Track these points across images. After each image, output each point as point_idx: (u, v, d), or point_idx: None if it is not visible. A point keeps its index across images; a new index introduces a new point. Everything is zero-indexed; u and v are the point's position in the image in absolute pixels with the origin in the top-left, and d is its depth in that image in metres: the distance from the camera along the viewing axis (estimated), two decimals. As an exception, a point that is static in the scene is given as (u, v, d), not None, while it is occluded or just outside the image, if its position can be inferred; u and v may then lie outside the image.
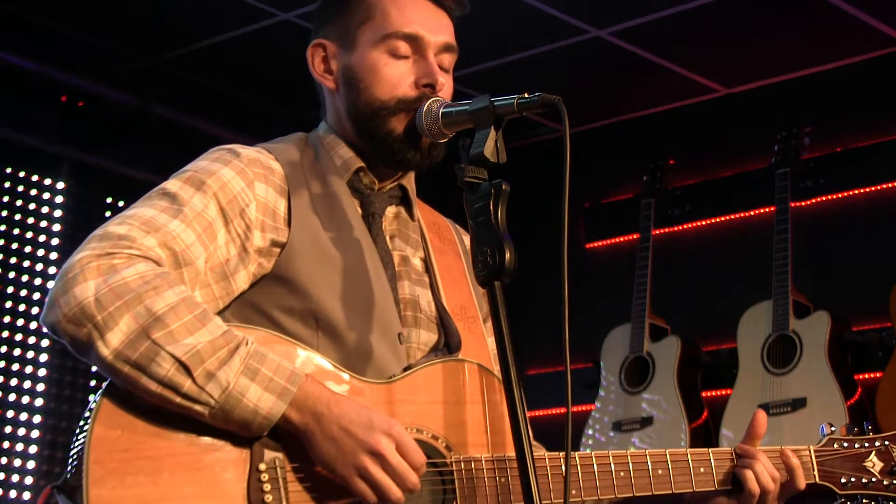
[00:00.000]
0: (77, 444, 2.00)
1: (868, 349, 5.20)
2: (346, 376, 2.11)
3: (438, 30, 2.29)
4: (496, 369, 2.19)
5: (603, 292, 5.98)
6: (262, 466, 2.01)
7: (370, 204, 2.30)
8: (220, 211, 2.14)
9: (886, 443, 2.38)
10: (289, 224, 2.18)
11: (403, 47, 2.26)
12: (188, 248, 2.08)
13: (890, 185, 5.41)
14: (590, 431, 5.64)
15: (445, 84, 2.28)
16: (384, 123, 2.25)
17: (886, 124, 5.46)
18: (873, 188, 5.48)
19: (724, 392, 5.43)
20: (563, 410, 5.70)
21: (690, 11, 5.11)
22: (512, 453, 1.95)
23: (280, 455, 2.03)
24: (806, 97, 5.69)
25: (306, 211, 2.21)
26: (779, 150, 5.44)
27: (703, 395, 5.55)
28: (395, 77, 2.25)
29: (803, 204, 5.53)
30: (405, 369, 2.18)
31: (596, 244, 6.27)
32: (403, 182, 2.36)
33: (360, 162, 2.30)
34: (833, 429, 2.39)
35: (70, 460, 2.02)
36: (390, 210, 2.34)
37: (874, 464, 2.36)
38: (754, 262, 5.52)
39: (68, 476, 2.01)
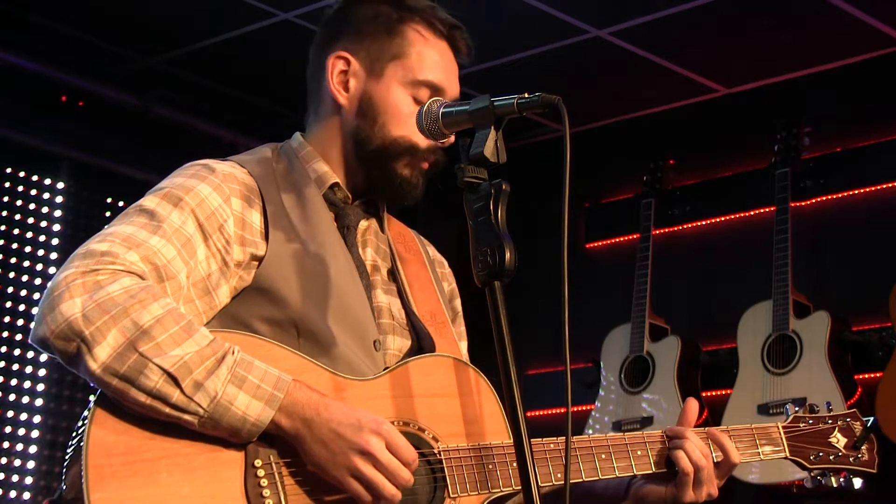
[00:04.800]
0: (70, 450, 2.02)
1: (868, 349, 5.20)
2: (329, 374, 2.14)
3: (455, 81, 2.39)
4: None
5: (603, 292, 5.97)
6: (258, 463, 2.04)
7: (345, 216, 2.35)
8: (198, 227, 2.16)
9: (848, 420, 2.52)
10: (265, 237, 2.21)
11: (426, 94, 2.32)
12: (169, 263, 2.10)
13: (890, 185, 5.41)
14: (590, 431, 5.64)
15: None
16: (392, 163, 2.31)
17: (886, 124, 5.46)
18: (873, 188, 5.47)
19: (724, 392, 5.43)
20: (562, 410, 5.71)
21: (690, 11, 5.11)
22: (491, 441, 2.16)
23: (275, 451, 2.06)
24: (806, 97, 5.68)
25: (282, 222, 2.24)
26: (779, 150, 5.43)
27: (703, 395, 5.54)
28: (413, 123, 2.26)
29: (803, 204, 5.53)
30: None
31: (596, 244, 6.26)
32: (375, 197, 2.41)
33: (336, 178, 2.35)
34: (797, 409, 2.51)
35: (63, 473, 2.04)
36: (362, 223, 2.39)
37: (839, 440, 2.50)
38: (754, 262, 5.51)
39: (63, 489, 2.02)
